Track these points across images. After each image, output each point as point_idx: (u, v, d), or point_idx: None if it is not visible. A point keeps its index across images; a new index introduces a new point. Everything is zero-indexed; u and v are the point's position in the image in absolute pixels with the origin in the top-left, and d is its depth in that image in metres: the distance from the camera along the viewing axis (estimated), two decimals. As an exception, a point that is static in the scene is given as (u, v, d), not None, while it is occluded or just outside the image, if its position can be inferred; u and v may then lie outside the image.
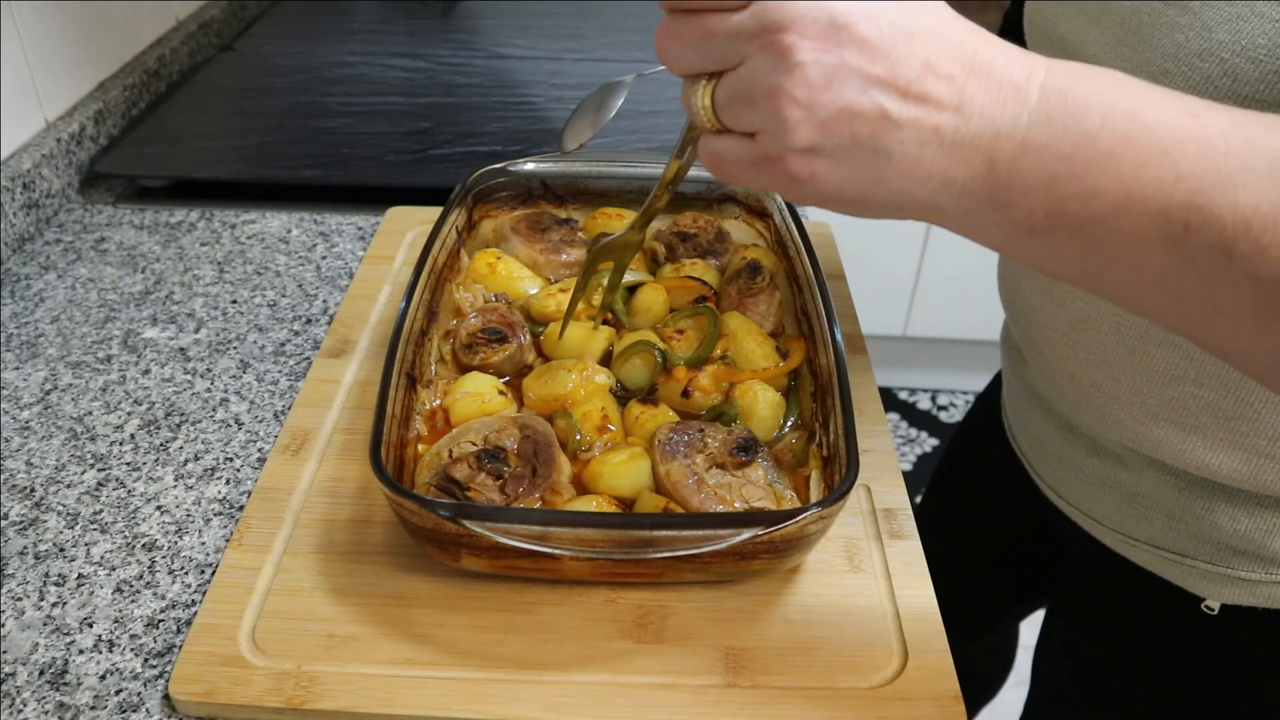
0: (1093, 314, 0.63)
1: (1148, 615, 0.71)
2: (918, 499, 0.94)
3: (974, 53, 0.37)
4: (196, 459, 0.68)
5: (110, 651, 0.55)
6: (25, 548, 0.61)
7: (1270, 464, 0.59)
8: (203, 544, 0.62)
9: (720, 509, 0.57)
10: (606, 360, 0.69)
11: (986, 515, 0.91)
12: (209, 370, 0.76)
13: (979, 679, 1.10)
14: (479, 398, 0.65)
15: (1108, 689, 0.76)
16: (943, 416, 2.24)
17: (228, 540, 0.61)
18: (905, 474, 0.65)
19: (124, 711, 0.52)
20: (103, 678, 0.54)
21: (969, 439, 0.95)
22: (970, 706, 0.55)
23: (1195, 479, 0.63)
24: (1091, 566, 0.75)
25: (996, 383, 0.90)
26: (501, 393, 0.66)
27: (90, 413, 0.72)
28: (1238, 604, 0.65)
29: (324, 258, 0.90)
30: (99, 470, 0.67)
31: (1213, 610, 0.66)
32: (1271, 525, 0.61)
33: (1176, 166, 0.36)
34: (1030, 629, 0.92)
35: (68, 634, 0.56)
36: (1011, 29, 0.77)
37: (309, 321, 0.82)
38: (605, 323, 0.71)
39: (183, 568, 0.60)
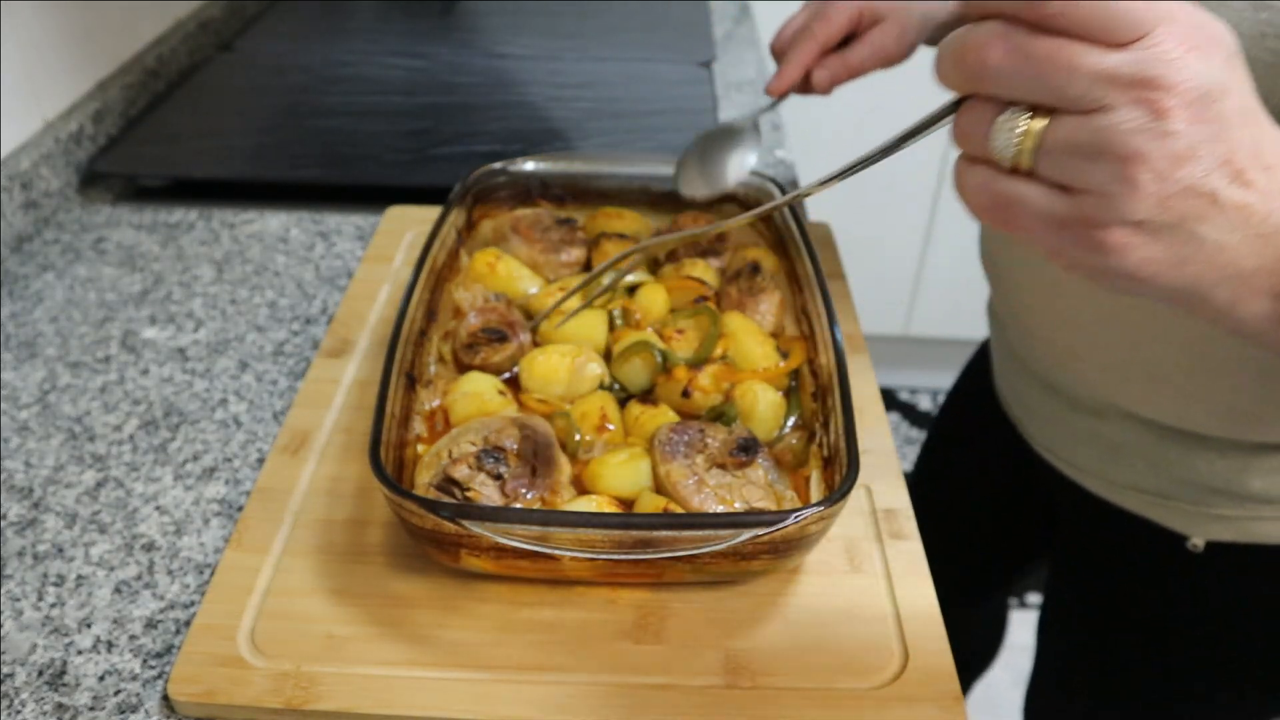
0: (1066, 280, 0.67)
1: (1138, 559, 0.76)
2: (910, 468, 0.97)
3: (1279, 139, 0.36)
4: (195, 459, 0.68)
5: (109, 652, 0.55)
6: (24, 548, 0.61)
7: (1236, 413, 0.64)
8: (202, 544, 0.62)
9: (720, 509, 0.56)
10: (605, 357, 0.69)
11: (979, 477, 0.95)
12: (208, 370, 0.76)
13: (972, 652, 1.13)
14: (479, 398, 0.64)
15: (1106, 637, 0.80)
16: (942, 416, 2.24)
17: (227, 540, 0.61)
18: (905, 474, 0.66)
19: (123, 712, 0.52)
20: (101, 678, 0.54)
21: (960, 404, 0.98)
22: (963, 681, 0.56)
23: (1170, 428, 0.68)
24: (1083, 519, 0.80)
25: (984, 351, 0.93)
26: (501, 393, 0.66)
27: (89, 413, 0.72)
28: (1219, 540, 0.70)
29: (323, 257, 0.90)
30: (98, 470, 0.67)
31: (1198, 548, 0.71)
32: (1244, 465, 0.66)
33: None
34: (1024, 624, 0.92)
35: (66, 635, 0.56)
36: None
37: (308, 321, 0.82)
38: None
39: (181, 568, 0.60)
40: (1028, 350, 0.76)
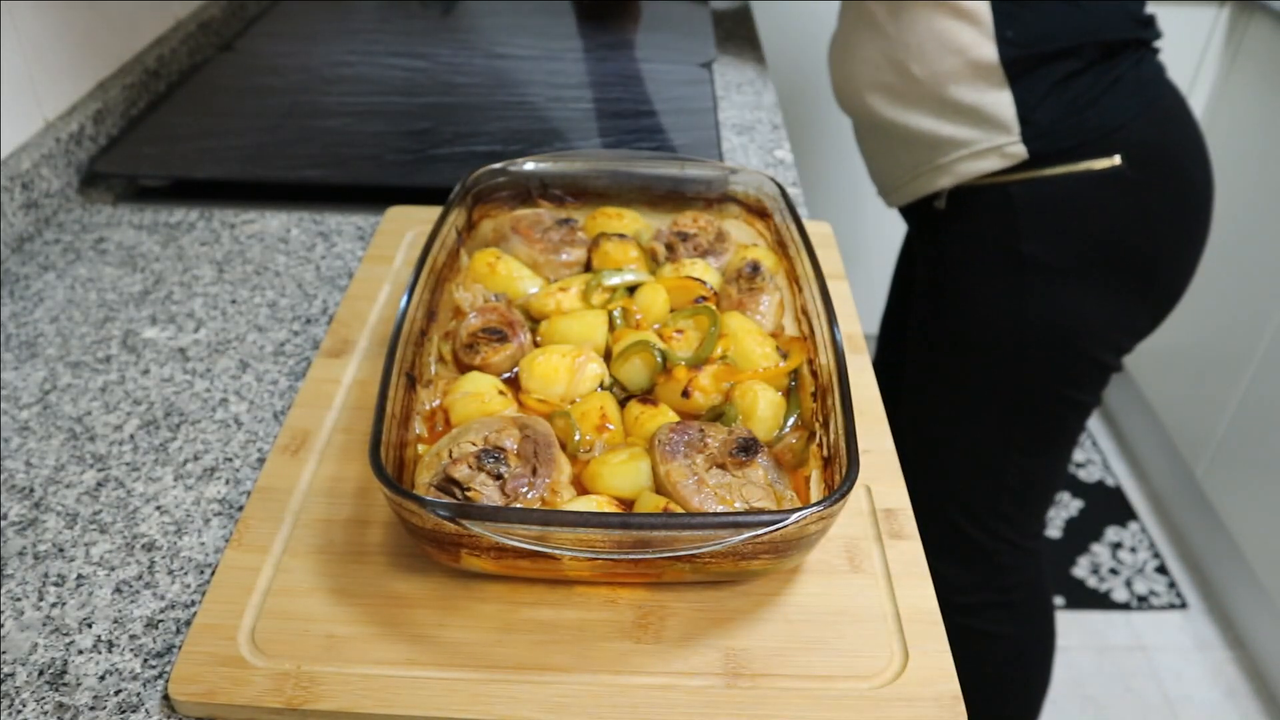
0: (847, 46, 1.05)
1: (917, 239, 1.13)
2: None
3: None
4: (196, 459, 0.68)
5: (110, 652, 0.55)
6: (24, 548, 0.61)
7: (901, 68, 0.99)
8: (202, 544, 0.62)
9: (720, 509, 0.56)
10: (605, 357, 0.69)
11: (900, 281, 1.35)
12: (208, 370, 0.76)
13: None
14: (479, 398, 0.65)
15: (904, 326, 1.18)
16: (942, 416, 2.24)
17: (227, 540, 0.61)
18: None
19: (123, 712, 0.52)
20: (102, 678, 0.54)
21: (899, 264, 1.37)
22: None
23: (899, 109, 1.00)
24: (913, 238, 1.17)
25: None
26: (501, 393, 0.66)
27: (89, 413, 0.72)
28: (952, 188, 1.01)
29: (323, 258, 0.90)
30: (98, 470, 0.67)
31: (941, 206, 1.04)
32: (935, 125, 0.99)
33: None
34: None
35: (67, 634, 0.56)
36: None
37: (308, 321, 0.82)
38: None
39: (182, 568, 0.60)
40: (859, 111, 1.06)
